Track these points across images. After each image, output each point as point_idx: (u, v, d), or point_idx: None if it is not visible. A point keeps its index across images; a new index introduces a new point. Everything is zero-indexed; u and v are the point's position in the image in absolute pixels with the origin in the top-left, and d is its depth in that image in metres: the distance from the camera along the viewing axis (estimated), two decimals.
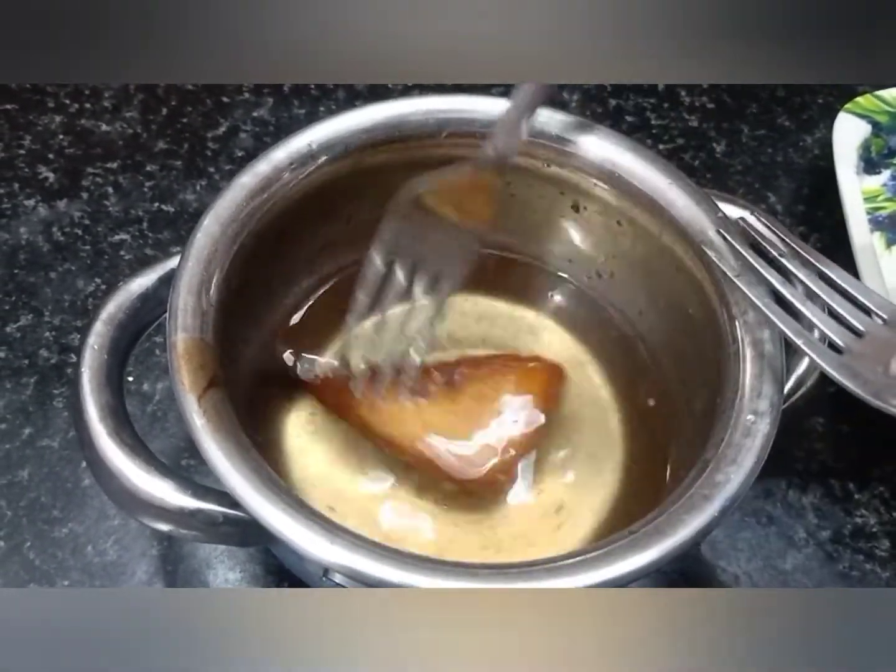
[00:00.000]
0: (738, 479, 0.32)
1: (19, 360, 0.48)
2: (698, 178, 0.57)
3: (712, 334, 0.37)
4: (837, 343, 0.28)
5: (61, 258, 0.51)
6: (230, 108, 0.58)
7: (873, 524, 0.46)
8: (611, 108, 0.60)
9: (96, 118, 0.57)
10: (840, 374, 0.26)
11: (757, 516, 0.45)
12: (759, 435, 0.33)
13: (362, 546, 0.30)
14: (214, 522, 0.33)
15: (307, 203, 0.40)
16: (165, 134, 0.57)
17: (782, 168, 0.58)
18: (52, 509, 0.43)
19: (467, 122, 0.41)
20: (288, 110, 0.58)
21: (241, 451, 0.32)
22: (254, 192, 0.38)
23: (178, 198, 0.54)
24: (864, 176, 0.55)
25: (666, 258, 0.40)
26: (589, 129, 0.41)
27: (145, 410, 0.46)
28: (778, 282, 0.32)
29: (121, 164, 0.55)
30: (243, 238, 0.37)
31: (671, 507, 0.32)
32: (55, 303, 0.50)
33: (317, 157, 0.39)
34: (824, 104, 0.61)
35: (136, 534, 0.43)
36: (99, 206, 0.53)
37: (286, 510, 0.30)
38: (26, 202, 0.53)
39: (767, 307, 0.30)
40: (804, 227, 0.56)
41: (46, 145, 0.55)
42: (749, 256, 0.32)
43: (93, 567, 0.42)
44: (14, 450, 0.45)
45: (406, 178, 0.42)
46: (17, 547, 0.42)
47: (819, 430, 0.48)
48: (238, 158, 0.56)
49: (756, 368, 0.34)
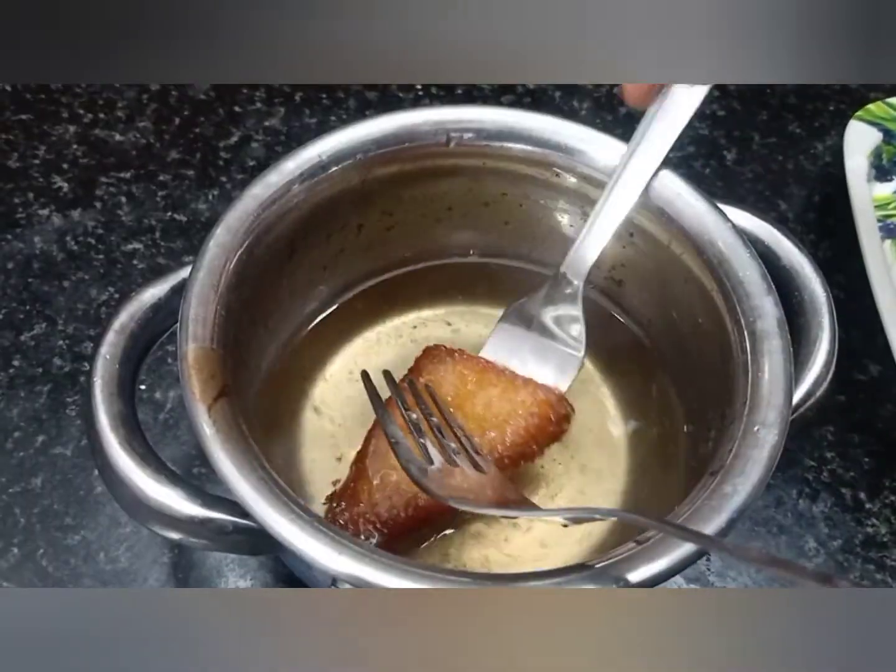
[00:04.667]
0: (746, 490, 0.32)
1: (33, 368, 0.48)
2: (709, 186, 0.57)
3: (721, 344, 0.37)
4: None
5: (75, 267, 0.52)
6: (242, 117, 0.58)
7: (884, 534, 0.45)
8: (621, 116, 0.60)
9: (110, 128, 0.57)
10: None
11: (767, 526, 0.45)
12: (768, 446, 0.33)
13: (369, 556, 0.30)
14: (224, 531, 0.33)
15: (317, 213, 0.40)
16: (178, 143, 0.57)
17: (793, 176, 0.58)
18: (65, 517, 0.44)
19: (475, 133, 0.41)
20: (299, 119, 0.59)
21: (251, 461, 0.32)
22: (264, 202, 0.38)
23: (191, 207, 0.54)
24: (876, 183, 0.54)
25: (675, 268, 0.40)
26: (597, 139, 0.41)
27: (157, 419, 0.47)
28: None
29: (134, 173, 0.56)
30: (254, 248, 0.38)
31: (679, 518, 0.32)
32: (69, 311, 0.50)
33: (327, 167, 0.40)
34: (836, 111, 0.61)
35: (147, 541, 0.43)
36: (112, 216, 0.54)
37: (294, 520, 0.30)
38: (41, 211, 0.54)
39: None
40: (814, 234, 0.56)
41: (61, 155, 0.56)
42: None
43: (105, 574, 0.43)
44: (27, 457, 0.45)
45: (415, 187, 0.42)
46: (30, 554, 0.43)
47: (830, 440, 0.48)
48: (250, 168, 0.56)
49: (765, 379, 0.34)
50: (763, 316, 0.36)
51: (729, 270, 0.37)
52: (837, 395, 0.49)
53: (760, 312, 0.36)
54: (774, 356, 0.35)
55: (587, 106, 0.61)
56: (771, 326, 0.35)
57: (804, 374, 0.37)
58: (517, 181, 0.43)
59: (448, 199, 0.44)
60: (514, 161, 0.42)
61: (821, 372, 0.37)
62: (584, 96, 0.61)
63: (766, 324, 0.36)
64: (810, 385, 0.36)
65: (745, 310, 0.36)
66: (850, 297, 0.52)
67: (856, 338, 0.51)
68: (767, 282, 0.37)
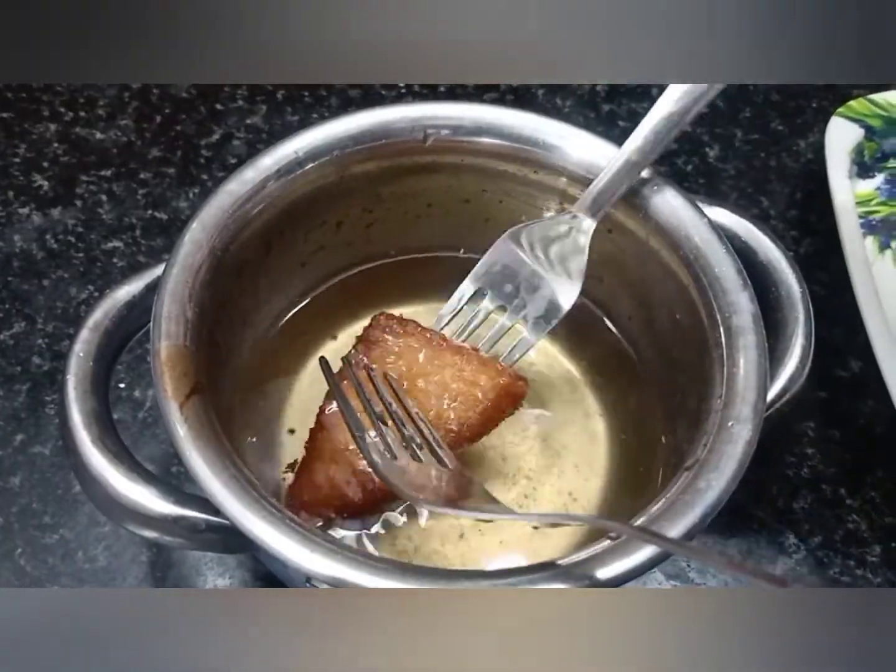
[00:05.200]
0: (720, 486, 0.32)
1: (12, 367, 0.48)
2: (691, 182, 0.57)
3: (698, 339, 0.37)
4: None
5: (55, 266, 0.52)
6: (224, 115, 0.58)
7: (864, 529, 0.45)
8: (604, 114, 0.60)
9: (91, 126, 0.57)
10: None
11: (747, 521, 0.45)
12: (742, 441, 0.33)
13: (342, 554, 0.30)
14: (197, 529, 0.33)
15: (295, 209, 0.40)
16: (159, 141, 0.57)
17: (775, 172, 0.58)
18: (44, 515, 0.44)
19: (453, 130, 0.41)
20: (281, 117, 0.59)
21: (223, 459, 0.32)
22: (241, 198, 0.38)
23: (172, 205, 0.54)
24: (858, 180, 0.54)
25: (653, 263, 0.40)
26: (577, 135, 0.41)
27: (136, 417, 0.47)
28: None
29: (115, 171, 0.55)
30: (230, 245, 0.38)
31: (653, 514, 0.32)
32: (48, 310, 0.50)
33: (303, 163, 0.40)
34: (818, 108, 0.61)
35: (126, 540, 0.43)
36: (93, 214, 0.54)
37: (266, 517, 0.30)
38: (21, 210, 0.53)
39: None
40: (796, 231, 0.56)
41: (41, 153, 0.56)
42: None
43: (83, 573, 0.42)
44: (6, 456, 0.45)
45: (393, 184, 0.42)
46: (8, 553, 0.43)
47: (810, 436, 0.48)
48: (231, 165, 0.56)
49: (739, 374, 0.34)
50: (738, 311, 0.36)
51: (705, 266, 0.37)
52: (818, 392, 0.49)
53: (736, 308, 0.36)
54: (749, 352, 0.35)
55: (570, 104, 0.61)
56: (746, 322, 0.35)
57: (780, 370, 0.37)
58: (496, 178, 0.42)
59: (427, 196, 0.44)
60: (493, 158, 0.42)
61: (796, 368, 0.37)
62: (567, 94, 0.61)
63: (741, 319, 0.36)
64: (786, 381, 0.36)
65: (721, 305, 0.36)
66: (831, 293, 0.52)
67: (837, 334, 0.51)
68: (743, 277, 0.37)
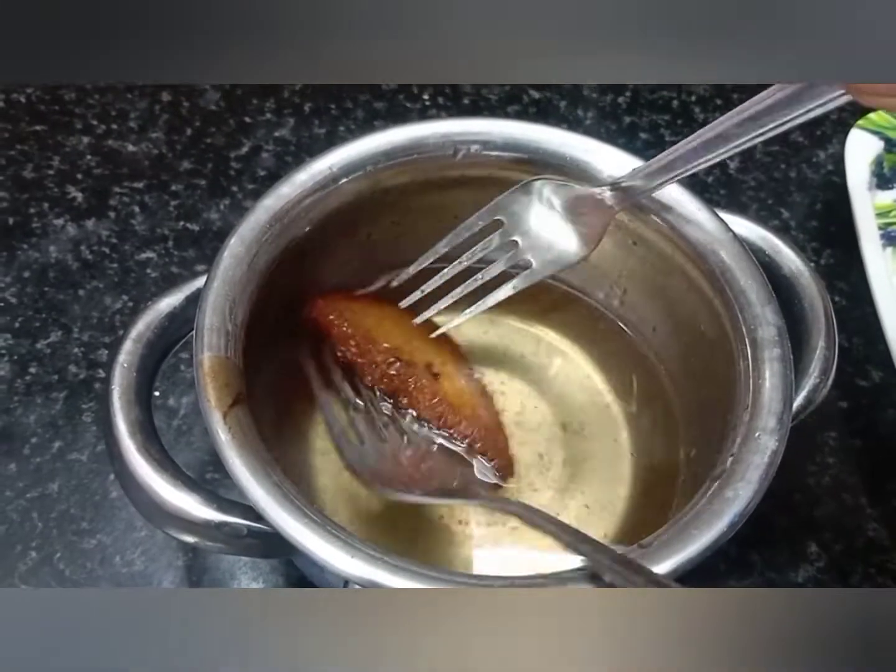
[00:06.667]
0: (747, 495, 0.33)
1: (49, 375, 0.49)
2: (712, 194, 0.58)
3: (723, 352, 0.38)
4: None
5: (89, 276, 0.53)
6: (252, 128, 0.60)
7: (886, 538, 0.46)
8: (625, 126, 0.61)
9: (123, 139, 0.59)
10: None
11: (769, 530, 0.46)
12: (768, 451, 0.33)
13: (381, 559, 0.31)
14: (238, 535, 0.34)
15: (328, 223, 0.41)
16: (190, 154, 0.58)
17: (795, 184, 0.59)
18: (81, 521, 0.45)
19: (482, 145, 0.42)
20: (308, 130, 0.60)
21: (264, 466, 0.33)
22: (277, 213, 0.39)
23: (203, 216, 0.55)
24: (877, 191, 0.55)
25: (678, 277, 0.41)
26: (601, 149, 0.42)
27: (171, 425, 0.48)
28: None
29: (147, 183, 0.57)
30: (267, 259, 0.39)
31: (681, 523, 0.33)
32: (83, 320, 0.51)
33: (337, 178, 0.41)
34: (838, 120, 0.62)
35: (162, 545, 0.44)
36: (126, 225, 0.55)
37: (308, 524, 0.31)
38: (55, 221, 0.55)
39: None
40: (817, 242, 0.56)
41: (75, 166, 0.57)
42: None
43: (120, 577, 0.44)
44: (44, 463, 0.46)
45: (423, 196, 0.43)
46: (47, 557, 0.44)
47: (831, 445, 0.49)
48: (260, 177, 0.57)
49: (765, 386, 0.35)
50: (764, 325, 0.37)
51: (731, 280, 0.38)
52: (839, 402, 0.50)
53: (761, 321, 0.37)
54: (775, 364, 0.36)
55: (592, 115, 0.61)
56: (771, 335, 0.36)
57: (804, 381, 0.37)
58: None
59: (455, 209, 0.45)
60: (520, 172, 0.43)
61: (820, 379, 0.37)
62: (588, 106, 0.62)
63: (766, 332, 0.36)
64: (809, 392, 0.37)
65: (747, 318, 0.37)
66: (852, 303, 0.53)
67: (858, 344, 0.51)
68: (768, 291, 0.37)
